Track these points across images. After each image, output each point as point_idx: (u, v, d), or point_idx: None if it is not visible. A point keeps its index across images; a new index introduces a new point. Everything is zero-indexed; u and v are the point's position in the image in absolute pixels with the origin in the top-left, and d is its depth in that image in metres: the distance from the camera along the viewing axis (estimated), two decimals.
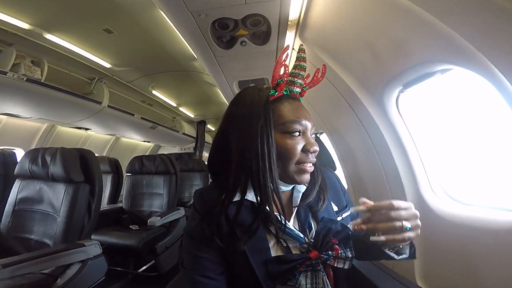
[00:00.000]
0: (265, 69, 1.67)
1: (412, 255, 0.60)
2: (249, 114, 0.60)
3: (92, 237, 1.84)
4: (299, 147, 0.58)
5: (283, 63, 0.60)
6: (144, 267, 2.56)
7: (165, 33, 2.10)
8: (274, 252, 0.59)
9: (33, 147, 3.19)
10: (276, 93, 0.60)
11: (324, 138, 1.93)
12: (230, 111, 0.65)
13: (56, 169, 1.69)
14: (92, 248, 1.62)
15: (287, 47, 0.63)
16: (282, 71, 0.61)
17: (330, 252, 0.58)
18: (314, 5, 1.06)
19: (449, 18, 0.67)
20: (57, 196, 1.68)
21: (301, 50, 0.63)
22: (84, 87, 2.89)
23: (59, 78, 2.50)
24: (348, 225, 0.65)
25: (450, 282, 0.97)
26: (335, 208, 0.69)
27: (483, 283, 0.85)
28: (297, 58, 0.63)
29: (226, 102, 4.25)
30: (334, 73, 1.26)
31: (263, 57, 1.49)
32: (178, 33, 2.02)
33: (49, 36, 2.05)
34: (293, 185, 0.65)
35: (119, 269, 2.41)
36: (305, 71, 0.63)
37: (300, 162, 0.59)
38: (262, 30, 1.25)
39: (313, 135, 0.63)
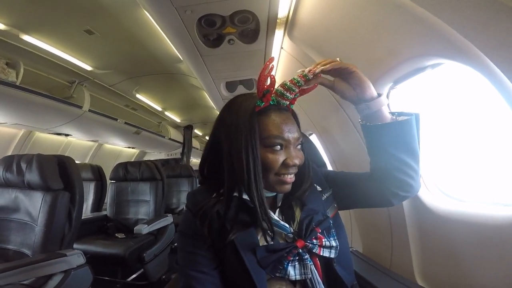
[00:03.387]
0: (253, 69, 1.64)
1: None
2: (236, 124, 0.61)
3: (75, 246, 1.77)
4: (280, 160, 0.60)
5: (269, 74, 0.60)
6: (133, 276, 2.47)
7: (150, 34, 2.04)
8: (262, 243, 0.61)
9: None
10: (263, 103, 0.60)
11: (313, 139, 1.92)
12: (221, 118, 0.66)
13: (32, 176, 1.62)
14: (75, 258, 1.55)
15: (272, 58, 0.62)
16: (268, 81, 0.61)
17: (315, 241, 0.61)
18: (303, 2, 1.04)
19: (443, 12, 0.66)
20: (34, 205, 1.62)
21: (301, 75, 0.61)
22: (64, 90, 2.75)
23: (36, 81, 2.38)
24: (330, 209, 0.69)
25: (449, 278, 0.97)
26: (319, 189, 0.71)
27: (480, 278, 0.85)
28: (293, 82, 0.61)
29: (213, 105, 4.20)
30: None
31: (251, 56, 1.46)
32: (163, 33, 1.98)
33: (26, 37, 1.93)
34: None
35: (106, 278, 2.32)
36: (299, 88, 0.61)
37: (279, 174, 0.61)
38: (251, 28, 1.22)
39: (299, 146, 0.63)
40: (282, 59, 1.52)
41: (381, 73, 1.00)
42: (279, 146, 0.60)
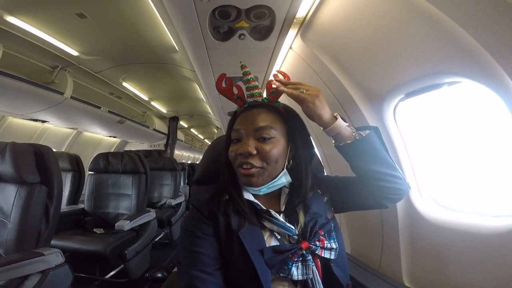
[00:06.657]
0: (258, 67, 1.59)
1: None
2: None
3: (52, 242, 1.65)
4: (234, 151, 0.66)
5: (230, 86, 0.71)
6: (112, 273, 2.36)
7: (146, 21, 1.92)
8: (268, 244, 0.64)
9: None
10: (239, 108, 0.71)
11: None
12: None
13: (4, 167, 1.47)
14: (53, 257, 1.45)
15: (224, 74, 0.72)
16: (235, 91, 0.72)
17: (318, 243, 0.64)
18: (324, 5, 1.01)
19: (480, 32, 0.64)
20: (6, 199, 1.47)
21: (243, 66, 0.71)
22: (45, 75, 2.55)
23: (16, 65, 2.19)
24: (328, 212, 0.72)
25: (436, 282, 1.00)
26: (319, 192, 0.74)
27: (465, 283, 0.89)
28: (244, 75, 0.70)
29: (202, 98, 4.08)
30: (333, 77, 1.22)
31: (258, 54, 1.41)
32: (160, 21, 1.87)
33: (10, 19, 1.76)
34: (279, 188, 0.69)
35: (84, 275, 2.19)
36: (256, 81, 0.71)
37: (238, 166, 0.65)
38: (264, 25, 1.17)
39: (264, 138, 0.65)
40: (288, 58, 1.48)
41: (395, 85, 0.99)
42: (235, 140, 0.67)
